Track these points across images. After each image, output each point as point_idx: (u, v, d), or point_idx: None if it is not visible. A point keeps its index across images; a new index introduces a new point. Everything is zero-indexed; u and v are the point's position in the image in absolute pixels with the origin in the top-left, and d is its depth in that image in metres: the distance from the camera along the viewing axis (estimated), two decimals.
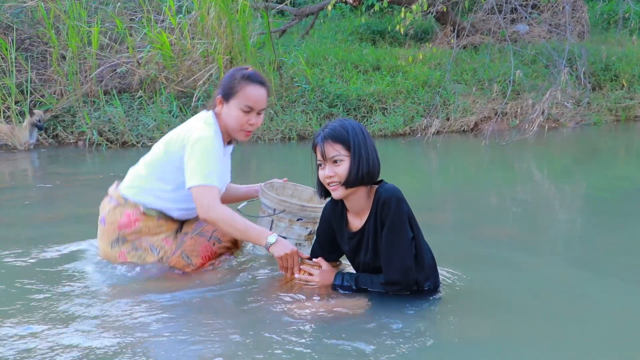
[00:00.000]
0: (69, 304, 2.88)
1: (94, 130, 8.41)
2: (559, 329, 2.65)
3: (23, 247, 3.80)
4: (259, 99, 3.15)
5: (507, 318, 2.79)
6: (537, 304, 2.94)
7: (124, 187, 3.26)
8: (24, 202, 5.50)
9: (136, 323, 2.68)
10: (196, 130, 3.06)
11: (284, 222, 3.34)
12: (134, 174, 3.28)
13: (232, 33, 8.71)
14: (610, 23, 12.82)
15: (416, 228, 2.78)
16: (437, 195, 5.72)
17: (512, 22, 11.36)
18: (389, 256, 2.74)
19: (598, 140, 9.00)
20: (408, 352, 2.40)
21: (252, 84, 3.13)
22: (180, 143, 3.07)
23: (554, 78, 8.92)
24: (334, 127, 2.75)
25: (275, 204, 3.32)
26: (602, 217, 4.71)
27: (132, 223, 3.20)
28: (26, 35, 9.45)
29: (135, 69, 8.87)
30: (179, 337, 2.56)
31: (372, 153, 2.75)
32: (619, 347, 2.49)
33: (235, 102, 3.11)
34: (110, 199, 3.28)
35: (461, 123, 9.12)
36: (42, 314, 2.76)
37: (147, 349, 2.44)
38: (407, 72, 9.84)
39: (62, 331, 2.59)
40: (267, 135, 8.63)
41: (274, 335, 2.54)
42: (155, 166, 3.18)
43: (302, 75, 9.31)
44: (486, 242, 4.03)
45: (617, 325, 2.67)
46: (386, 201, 2.71)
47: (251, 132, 3.20)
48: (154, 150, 3.24)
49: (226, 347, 2.46)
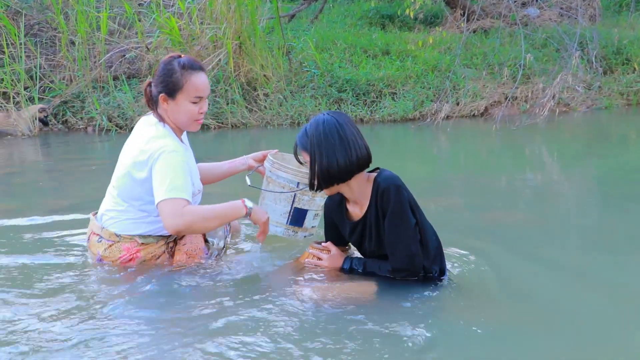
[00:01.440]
0: (76, 293, 2.90)
1: (103, 115, 8.43)
2: (567, 315, 2.64)
3: (33, 232, 3.82)
4: (205, 86, 3.02)
5: (515, 303, 2.79)
6: (546, 290, 2.93)
7: (110, 224, 3.10)
8: (34, 187, 5.53)
9: (149, 302, 2.71)
10: (154, 150, 2.92)
11: (307, 194, 3.26)
12: (113, 208, 3.10)
13: (241, 18, 8.68)
14: (622, 6, 12.68)
15: (418, 213, 2.76)
16: (447, 179, 5.69)
17: (523, 6, 11.25)
18: (394, 245, 2.74)
19: (609, 124, 8.94)
20: (415, 337, 2.40)
21: (195, 72, 2.98)
22: (144, 167, 2.95)
23: (565, 62, 8.85)
24: (300, 133, 2.76)
25: (300, 177, 3.20)
26: (613, 202, 4.68)
27: (134, 256, 3.09)
28: (35, 21, 9.46)
29: (144, 54, 8.86)
30: (192, 316, 2.58)
31: (330, 153, 2.66)
32: (630, 335, 2.48)
33: (183, 95, 2.97)
34: (100, 238, 3.12)
35: (471, 107, 9.07)
36: (43, 302, 2.77)
37: (141, 336, 2.45)
38: (416, 56, 9.78)
39: (70, 317, 2.61)
40: (276, 121, 8.62)
41: (283, 318, 2.55)
42: (131, 197, 3.04)
43: (312, 60, 9.28)
44: (496, 227, 4.02)
45: (630, 313, 2.66)
46: (385, 190, 2.68)
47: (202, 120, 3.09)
48: (120, 180, 3.06)
49: (236, 328, 2.47)
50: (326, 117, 2.71)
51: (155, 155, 2.92)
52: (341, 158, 2.66)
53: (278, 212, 3.31)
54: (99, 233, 3.14)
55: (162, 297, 2.82)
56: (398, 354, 2.29)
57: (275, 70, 8.96)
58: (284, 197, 3.27)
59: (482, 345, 2.39)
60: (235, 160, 3.52)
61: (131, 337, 2.42)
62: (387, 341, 2.37)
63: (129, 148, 3.09)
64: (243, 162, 3.50)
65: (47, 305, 2.70)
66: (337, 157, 2.66)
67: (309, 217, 3.33)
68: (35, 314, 2.62)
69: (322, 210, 3.35)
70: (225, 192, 3.94)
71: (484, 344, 2.40)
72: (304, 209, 3.29)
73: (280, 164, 3.26)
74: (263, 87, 8.84)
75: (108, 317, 2.60)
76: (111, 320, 2.57)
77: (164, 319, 2.61)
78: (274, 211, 3.30)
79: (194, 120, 3.04)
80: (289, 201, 3.27)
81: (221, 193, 3.34)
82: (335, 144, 2.66)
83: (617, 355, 2.31)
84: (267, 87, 8.83)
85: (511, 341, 2.43)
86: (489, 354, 2.33)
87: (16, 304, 2.73)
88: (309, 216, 3.33)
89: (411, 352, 2.30)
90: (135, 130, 3.15)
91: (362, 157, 2.71)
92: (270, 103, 8.77)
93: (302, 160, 2.80)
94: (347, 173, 2.70)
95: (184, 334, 2.44)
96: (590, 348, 2.37)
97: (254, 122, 8.67)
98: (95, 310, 2.67)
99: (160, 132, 3.01)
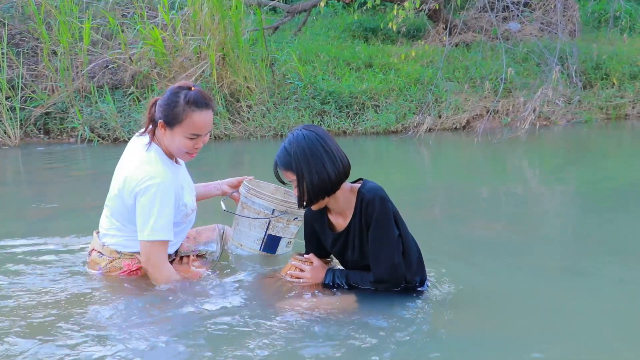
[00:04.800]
0: (59, 301, 2.88)
1: (85, 126, 8.39)
2: (547, 323, 2.67)
3: (14, 241, 3.79)
4: (205, 125, 2.94)
5: (495, 313, 2.81)
6: (525, 299, 2.97)
7: (110, 242, 3.11)
8: (16, 198, 5.49)
9: (120, 323, 2.69)
10: (140, 179, 2.90)
11: (282, 222, 3.30)
12: (110, 226, 3.10)
13: (224, 29, 8.70)
14: (601, 22, 12.86)
15: (402, 225, 2.79)
16: (428, 191, 5.73)
17: (504, 20, 11.37)
18: (376, 255, 2.75)
19: (589, 138, 9.05)
20: (397, 348, 2.42)
21: (198, 110, 2.90)
22: (130, 194, 2.93)
23: (546, 76, 8.95)
24: (279, 153, 2.74)
25: (275, 204, 3.25)
26: (592, 214, 4.75)
27: (135, 272, 3.11)
28: (17, 31, 9.40)
29: (128, 65, 8.84)
30: (167, 338, 2.57)
31: (320, 167, 2.66)
32: (608, 342, 2.51)
33: (181, 130, 2.91)
34: (101, 254, 3.13)
35: (453, 120, 9.14)
36: (30, 310, 2.76)
37: (132, 351, 2.43)
38: (399, 69, 9.84)
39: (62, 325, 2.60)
40: (259, 132, 8.63)
41: (263, 332, 2.55)
42: (124, 219, 3.03)
43: (295, 72, 9.31)
44: (476, 238, 4.05)
45: (606, 321, 2.70)
46: (370, 201, 2.70)
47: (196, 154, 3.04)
48: (112, 201, 3.05)
49: (215, 345, 2.47)
50: (304, 132, 2.71)
51: (142, 186, 2.89)
52: (331, 170, 2.67)
53: (252, 238, 3.35)
54: (99, 250, 3.14)
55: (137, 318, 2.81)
56: None
57: (259, 82, 8.97)
58: (259, 224, 3.31)
59: (464, 353, 2.41)
60: (209, 185, 3.51)
61: (115, 349, 2.41)
62: (368, 353, 2.38)
63: (120, 169, 3.05)
64: (217, 187, 3.49)
65: (33, 316, 2.69)
66: (327, 169, 2.67)
67: (281, 244, 3.37)
68: (24, 325, 2.60)
69: (293, 239, 3.40)
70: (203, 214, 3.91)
71: (466, 352, 2.42)
72: (278, 236, 3.32)
73: (256, 190, 3.29)
74: (246, 99, 8.84)
75: (99, 325, 2.60)
76: (101, 329, 2.56)
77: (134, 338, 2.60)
78: (247, 237, 3.35)
79: (185, 153, 3.00)
80: (263, 228, 3.31)
81: (199, 214, 3.33)
82: (323, 157, 2.67)
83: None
84: (250, 99, 8.84)
85: (493, 349, 2.45)
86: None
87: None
88: (282, 244, 3.37)
89: None
90: (128, 148, 3.11)
91: (346, 165, 2.74)
92: (253, 115, 8.78)
93: (286, 180, 2.78)
94: (337, 184, 2.71)
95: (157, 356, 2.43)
96: (573, 355, 2.39)
97: (237, 133, 8.67)
98: (85, 317, 2.67)
99: (149, 157, 2.97)
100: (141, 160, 2.96)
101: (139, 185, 2.90)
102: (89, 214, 4.47)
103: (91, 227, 3.34)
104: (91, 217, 3.82)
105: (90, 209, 3.99)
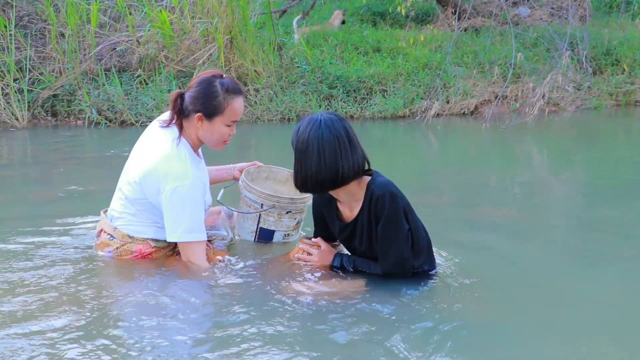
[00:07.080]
0: (65, 284, 2.89)
1: (93, 109, 8.39)
2: (553, 311, 2.67)
3: (20, 224, 3.80)
4: (241, 110, 3.03)
5: (502, 300, 2.81)
6: (532, 287, 2.96)
7: (122, 225, 3.08)
8: (22, 180, 5.50)
9: (130, 306, 2.71)
10: (166, 175, 2.88)
11: (272, 215, 3.27)
12: (123, 210, 3.08)
13: (232, 12, 8.65)
14: (612, 7, 12.75)
15: (412, 217, 2.76)
16: (436, 176, 5.71)
17: (514, 5, 11.29)
18: (385, 250, 2.74)
19: (598, 124, 8.99)
20: (404, 333, 2.41)
21: (237, 97, 2.96)
22: (153, 185, 2.92)
23: (555, 62, 8.88)
24: (295, 129, 2.71)
25: (263, 199, 3.22)
26: (601, 201, 4.72)
27: (146, 257, 3.09)
28: (25, 12, 9.37)
29: (135, 47, 8.82)
30: (178, 319, 2.58)
31: (316, 162, 2.62)
32: (611, 332, 2.50)
33: (221, 119, 2.94)
34: (111, 237, 3.11)
35: (461, 106, 9.09)
36: (35, 296, 2.76)
37: (141, 336, 2.44)
38: (407, 54, 9.78)
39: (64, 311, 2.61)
40: (266, 116, 8.61)
41: (271, 316, 2.55)
42: (141, 206, 3.02)
43: (302, 56, 9.26)
44: (484, 224, 4.04)
45: (611, 311, 2.69)
46: (380, 197, 2.66)
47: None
48: (131, 186, 3.00)
49: (224, 328, 2.47)
50: (320, 122, 2.64)
51: (172, 185, 2.87)
52: (332, 165, 2.62)
53: (246, 229, 3.36)
54: (110, 232, 3.12)
55: (148, 297, 2.82)
56: (391, 351, 2.30)
57: (266, 66, 8.94)
58: (251, 217, 3.30)
59: (473, 339, 2.41)
60: (221, 169, 3.48)
61: (125, 335, 2.43)
62: (374, 337, 2.38)
63: (142, 157, 3.01)
64: (229, 172, 3.47)
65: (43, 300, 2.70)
66: (335, 162, 2.61)
67: (277, 236, 3.34)
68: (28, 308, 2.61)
69: (293, 231, 3.36)
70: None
71: (475, 339, 2.42)
72: (271, 229, 3.29)
73: (246, 183, 3.26)
74: (254, 83, 8.81)
75: (110, 308, 2.61)
76: (110, 316, 2.57)
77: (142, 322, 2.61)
78: (242, 228, 3.38)
79: (222, 141, 3.02)
80: (255, 221, 3.31)
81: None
82: (331, 148, 2.62)
83: (609, 351, 2.33)
84: (258, 83, 8.81)
85: (501, 336, 2.45)
86: (479, 348, 2.35)
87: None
88: (276, 236, 3.34)
89: (403, 348, 2.31)
90: (151, 136, 3.07)
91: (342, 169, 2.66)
92: (261, 98, 8.75)
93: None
94: (329, 182, 2.66)
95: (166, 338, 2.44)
96: (581, 343, 2.39)
97: (244, 117, 8.64)
98: (94, 305, 2.67)
99: (180, 154, 2.94)
100: (171, 156, 2.92)
101: (169, 184, 2.87)
102: (94, 197, 4.48)
103: (97, 209, 3.33)
104: (97, 200, 3.83)
105: (97, 192, 3.99)
